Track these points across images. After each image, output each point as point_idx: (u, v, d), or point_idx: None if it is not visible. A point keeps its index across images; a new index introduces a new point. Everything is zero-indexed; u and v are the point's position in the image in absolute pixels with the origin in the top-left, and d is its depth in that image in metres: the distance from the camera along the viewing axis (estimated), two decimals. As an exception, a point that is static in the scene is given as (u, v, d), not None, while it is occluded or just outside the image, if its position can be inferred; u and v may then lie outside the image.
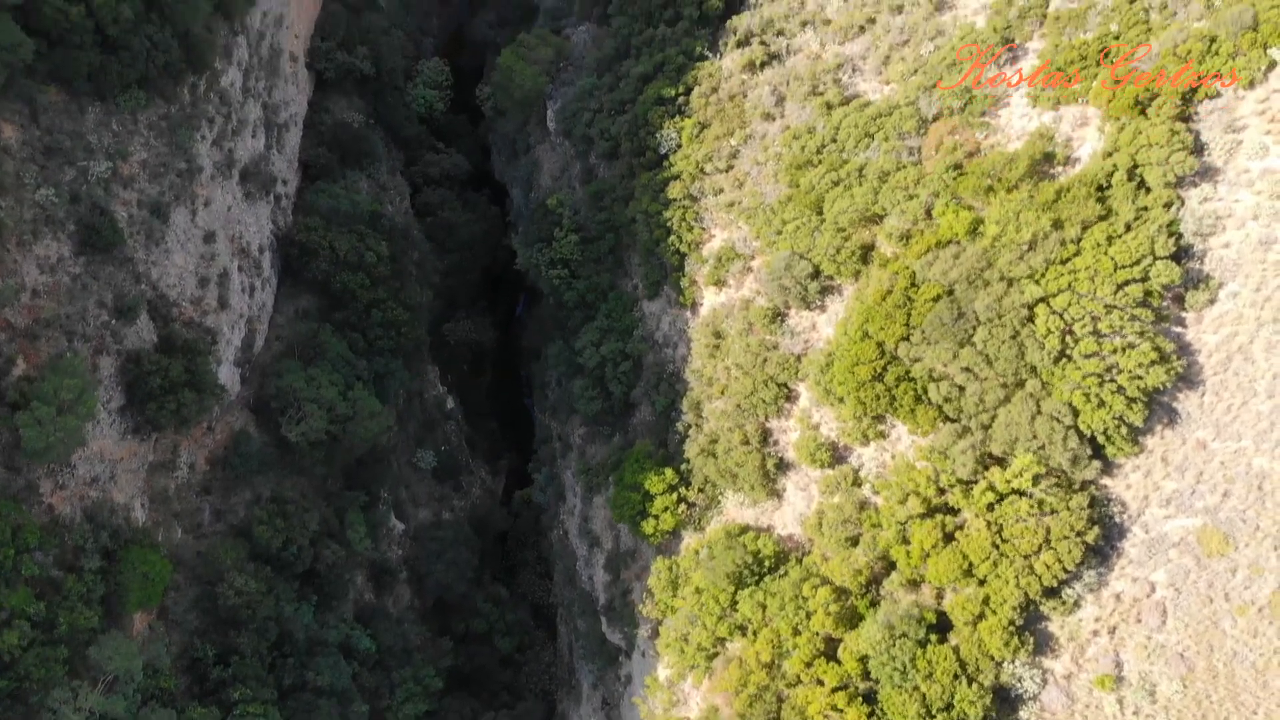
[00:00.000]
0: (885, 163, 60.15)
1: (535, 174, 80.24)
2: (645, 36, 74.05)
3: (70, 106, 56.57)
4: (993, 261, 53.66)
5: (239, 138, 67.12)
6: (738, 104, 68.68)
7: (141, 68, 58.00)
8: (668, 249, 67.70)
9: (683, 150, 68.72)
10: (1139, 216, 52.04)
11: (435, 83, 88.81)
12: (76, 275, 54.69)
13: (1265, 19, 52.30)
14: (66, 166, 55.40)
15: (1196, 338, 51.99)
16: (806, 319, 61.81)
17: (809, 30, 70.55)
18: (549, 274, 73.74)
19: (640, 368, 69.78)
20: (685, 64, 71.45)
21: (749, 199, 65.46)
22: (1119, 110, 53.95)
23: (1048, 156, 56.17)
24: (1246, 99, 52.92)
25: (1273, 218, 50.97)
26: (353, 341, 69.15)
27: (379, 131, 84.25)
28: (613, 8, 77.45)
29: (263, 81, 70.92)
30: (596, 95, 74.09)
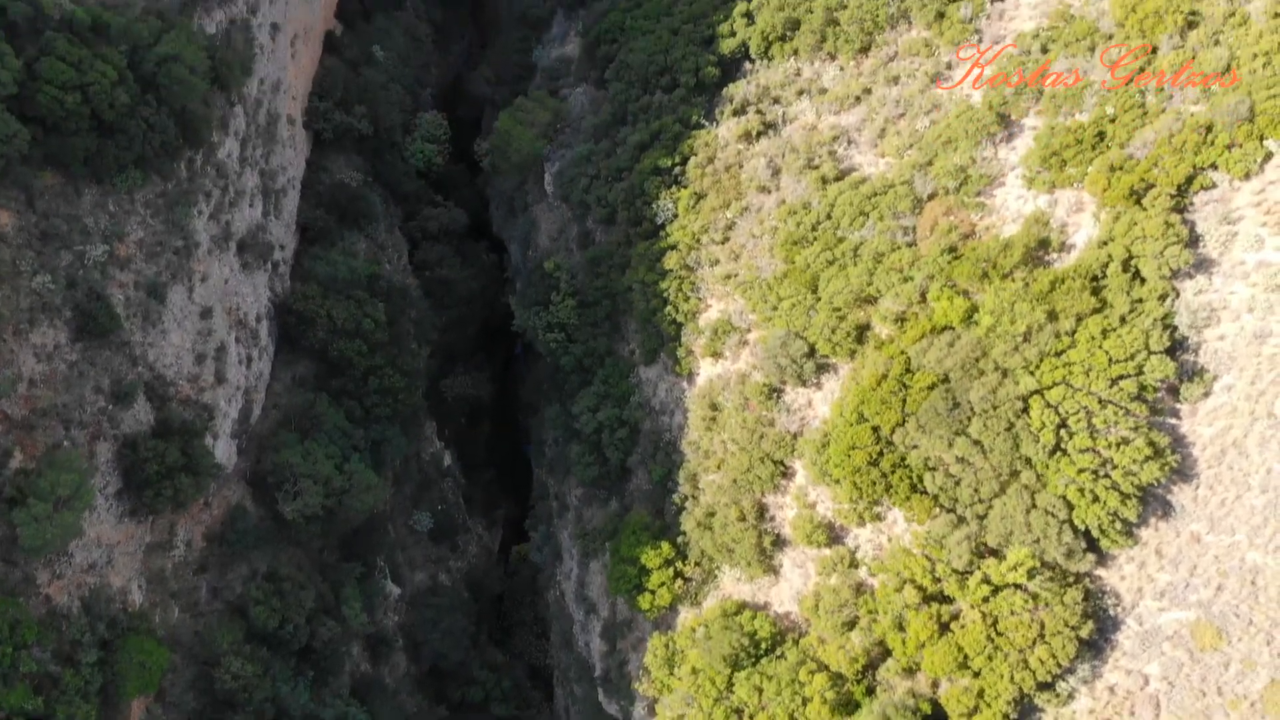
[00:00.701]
0: (880, 243, 60.26)
1: (533, 233, 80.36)
2: (642, 104, 74.14)
3: (66, 189, 56.65)
4: (987, 351, 53.82)
5: (236, 209, 67.19)
6: (734, 175, 68.78)
7: (138, 149, 58.10)
8: (664, 319, 67.83)
9: (679, 220, 68.84)
10: (1134, 309, 52.20)
11: (433, 137, 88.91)
12: (73, 362, 54.77)
13: (1261, 110, 52.47)
14: (63, 251, 55.46)
15: (1191, 430, 52.16)
16: (803, 395, 61.93)
17: (805, 99, 70.64)
18: (546, 337, 73.88)
19: (637, 434, 69.88)
20: (681, 132, 71.55)
21: (745, 271, 65.56)
22: (1114, 200, 54.13)
23: (1043, 243, 56.31)
24: (1242, 190, 53.13)
25: (1267, 311, 51.14)
26: (350, 410, 69.26)
27: (377, 189, 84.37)
28: (609, 73, 77.55)
29: (260, 149, 71.00)
30: (594, 161, 74.20)
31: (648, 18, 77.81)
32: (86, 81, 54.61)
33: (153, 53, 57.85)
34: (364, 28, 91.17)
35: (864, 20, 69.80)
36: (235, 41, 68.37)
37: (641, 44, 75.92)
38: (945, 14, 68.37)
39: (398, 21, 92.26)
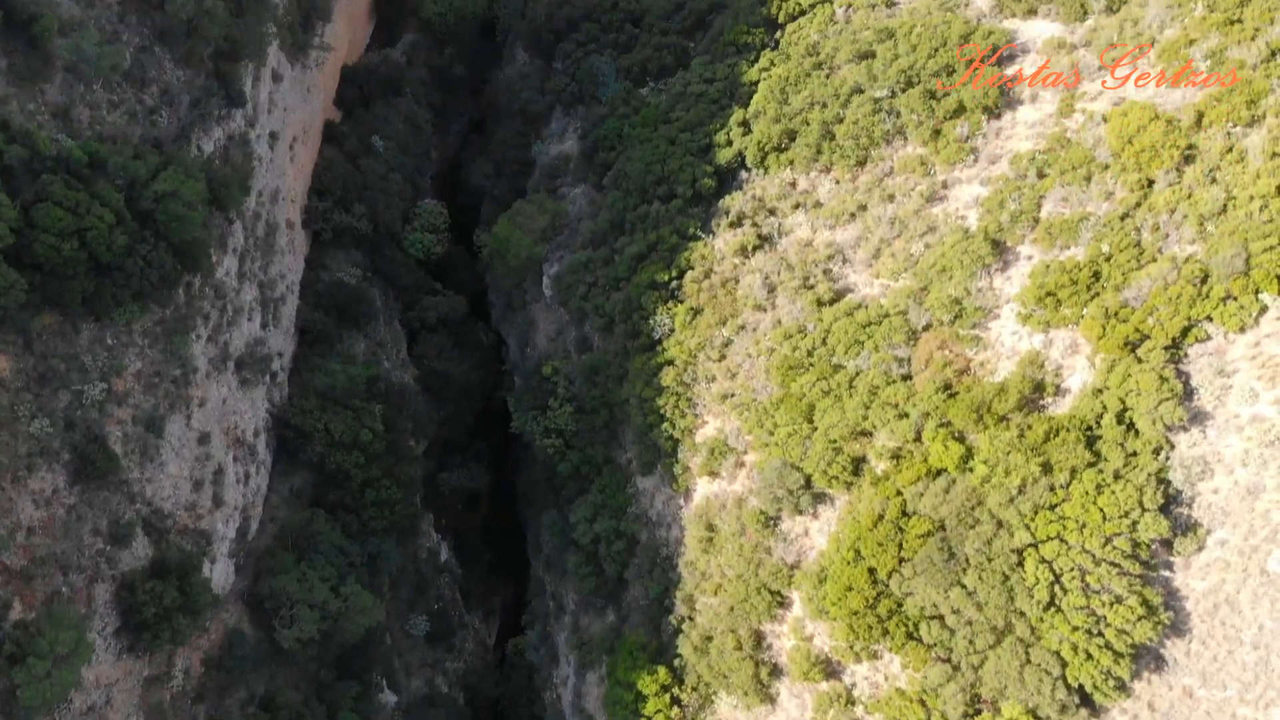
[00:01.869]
0: (875, 375, 60.44)
1: (531, 332, 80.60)
2: (639, 213, 74.31)
3: (64, 327, 56.75)
4: (983, 500, 54.05)
5: (234, 327, 67.39)
6: (730, 291, 68.98)
7: (136, 285, 58.17)
8: (661, 434, 68.03)
9: (676, 336, 69.03)
10: (1128, 463, 52.40)
11: (433, 226, 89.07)
12: (71, 506, 54.94)
13: (1257, 263, 52.68)
14: (61, 391, 55.60)
15: (1184, 584, 52.36)
16: (799, 524, 62.13)
17: (800, 213, 70.84)
18: (543, 443, 74.13)
19: (635, 545, 70.11)
20: (679, 244, 71.74)
21: (741, 391, 65.75)
22: (1110, 349, 54.31)
23: (1038, 386, 56.51)
24: (1237, 343, 53.35)
25: (1261, 466, 51.29)
26: (346, 525, 69.51)
27: (377, 282, 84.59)
28: (607, 180, 77.77)
29: (258, 261, 71.21)
30: (591, 268, 74.39)
31: (645, 125, 77.96)
32: (84, 226, 54.68)
33: (150, 189, 57.94)
34: (363, 115, 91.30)
35: (859, 136, 69.97)
36: (234, 158, 68.57)
37: (639, 153, 76.10)
38: (942, 132, 68.57)
39: (397, 109, 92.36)
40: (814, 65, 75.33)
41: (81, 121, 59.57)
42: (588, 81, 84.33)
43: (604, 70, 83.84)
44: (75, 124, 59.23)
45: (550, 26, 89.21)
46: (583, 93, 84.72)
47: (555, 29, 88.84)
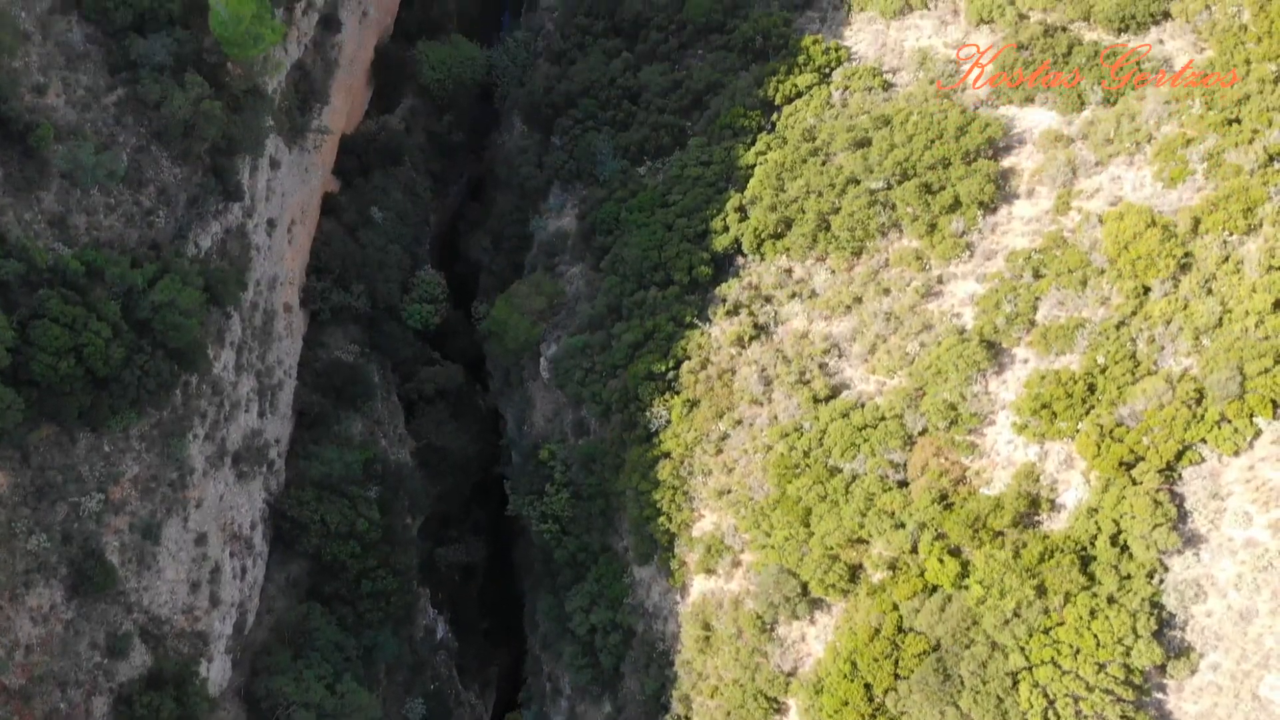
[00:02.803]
0: (871, 482, 60.58)
1: (528, 410, 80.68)
2: (636, 298, 74.37)
3: (61, 438, 56.81)
4: (978, 620, 54.26)
5: (231, 422, 67.44)
6: (727, 383, 69.12)
7: (134, 394, 58.26)
8: (657, 528, 68.19)
9: (672, 428, 69.13)
10: (1122, 587, 52.62)
11: (431, 296, 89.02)
12: (69, 621, 55.04)
13: (1251, 387, 52.88)
14: (59, 503, 55.69)
15: (1177, 707, 52.74)
16: (796, 629, 62.30)
17: (796, 302, 70.97)
18: (540, 528, 74.27)
19: (632, 636, 70.27)
20: (675, 332, 71.83)
21: (738, 488, 65.88)
22: (1105, 469, 54.46)
23: (1033, 501, 56.67)
24: (1231, 465, 53.59)
25: (1254, 590, 51.62)
26: (342, 618, 69.55)
27: (375, 358, 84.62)
28: (604, 264, 77.82)
29: (256, 351, 71.27)
30: (588, 354, 74.46)
31: (642, 209, 77.98)
32: (81, 343, 54.79)
33: (147, 300, 58.03)
34: (362, 185, 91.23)
35: (855, 228, 70.09)
36: (231, 251, 68.63)
37: (636, 238, 76.16)
38: (937, 226, 68.72)
39: (396, 178, 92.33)
40: (810, 151, 75.41)
41: (78, 228, 59.66)
42: (585, 159, 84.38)
43: (602, 149, 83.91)
44: (72, 231, 59.31)
45: (548, 100, 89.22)
46: (580, 170, 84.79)
47: (553, 103, 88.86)
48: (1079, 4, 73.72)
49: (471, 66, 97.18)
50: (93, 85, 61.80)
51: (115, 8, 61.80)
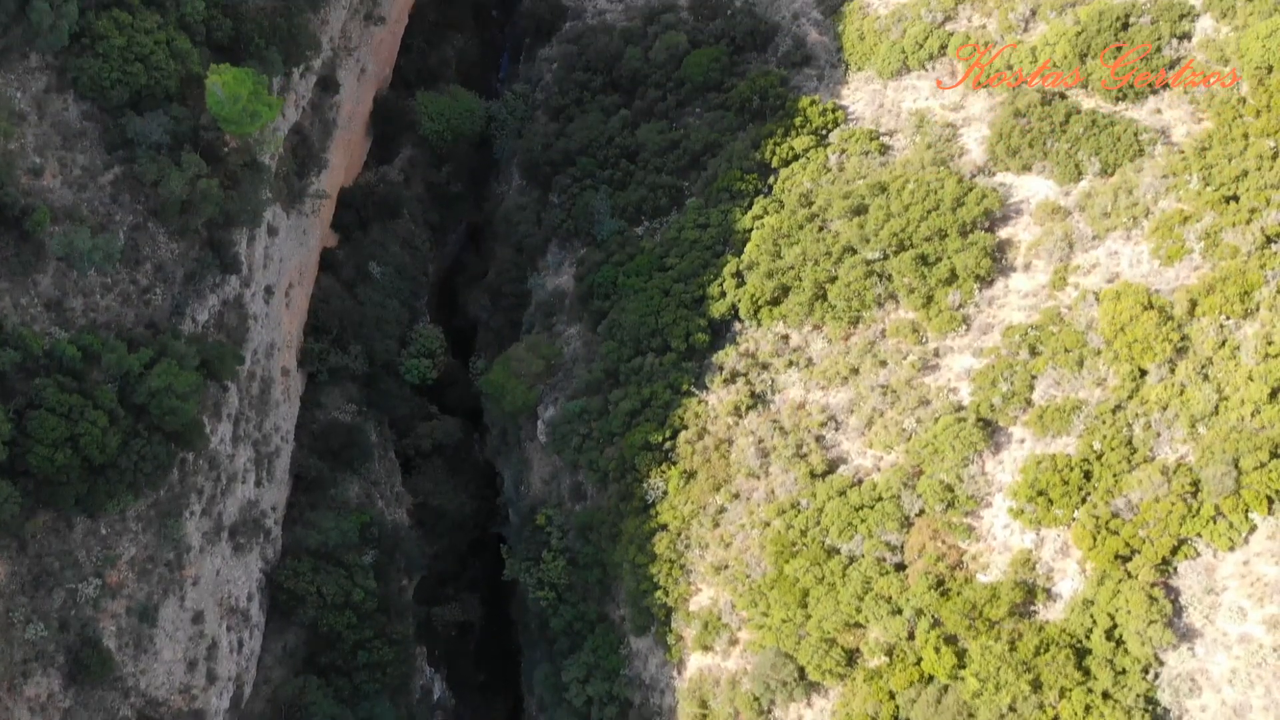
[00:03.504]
0: (868, 565, 60.62)
1: (525, 471, 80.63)
2: (634, 365, 74.33)
3: (58, 524, 56.88)
4: (974, 713, 54.33)
5: (228, 495, 67.45)
6: (723, 454, 69.13)
7: (130, 478, 58.29)
8: (654, 602, 68.15)
9: (669, 500, 69.11)
10: (1117, 682, 52.68)
11: (429, 351, 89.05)
12: (67, 710, 55.10)
13: (1247, 482, 52.90)
14: (56, 590, 55.78)
15: (1174, 804, 52.63)
16: (794, 711, 62.26)
17: (793, 371, 70.99)
18: (536, 595, 74.24)
19: (629, 708, 70.22)
20: (672, 400, 71.81)
21: (735, 563, 65.85)
22: (1100, 562, 54.50)
23: (1029, 591, 56.70)
24: (1227, 560, 53.63)
25: (1248, 685, 51.77)
26: (339, 689, 69.54)
27: (372, 416, 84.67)
28: (601, 330, 77.78)
29: (253, 420, 71.25)
30: (585, 419, 74.41)
31: (639, 273, 77.94)
32: (78, 433, 54.87)
33: (143, 386, 58.06)
34: (360, 238, 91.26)
35: (851, 299, 70.09)
36: (228, 323, 68.69)
37: (633, 304, 76.12)
38: (934, 298, 68.73)
39: (394, 231, 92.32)
40: (807, 217, 75.43)
41: (75, 310, 59.77)
42: (583, 218, 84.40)
43: (599, 208, 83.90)
44: (69, 313, 59.43)
45: (547, 157, 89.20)
46: (578, 228, 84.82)
47: (551, 160, 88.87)
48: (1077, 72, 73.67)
49: (470, 118, 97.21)
50: (89, 164, 61.99)
51: (111, 86, 61.91)
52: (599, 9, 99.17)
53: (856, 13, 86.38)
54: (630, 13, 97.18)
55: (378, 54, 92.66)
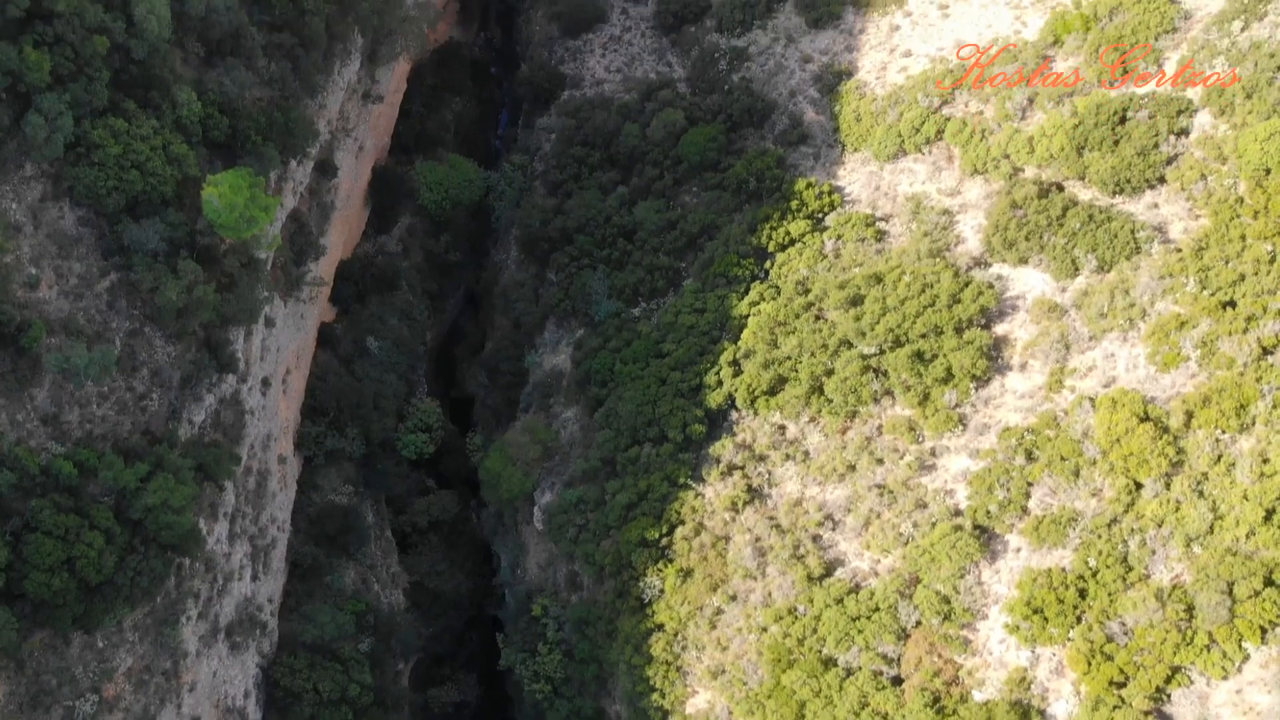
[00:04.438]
0: (865, 679, 60.64)
1: (522, 555, 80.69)
2: (630, 454, 74.30)
3: (55, 641, 56.92)
4: (969, 838, 54.26)
5: (225, 595, 67.51)
6: (720, 552, 69.15)
7: (127, 593, 58.32)
8: (650, 704, 68.17)
9: (666, 599, 69.12)
10: (1113, 814, 52.65)
11: (425, 425, 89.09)
12: (64, 828, 55.22)
13: (1240, 612, 52.96)
14: (54, 708, 55.89)
15: None
16: (788, 820, 62.38)
17: (790, 464, 71.00)
18: (532, 687, 74.24)
19: (625, 806, 70.40)
20: (669, 492, 71.80)
21: (732, 668, 65.87)
22: (1095, 688, 54.54)
23: (1024, 713, 56.73)
24: (1220, 689, 53.66)
25: (1244, 817, 51.57)
26: (337, 790, 69.93)
27: (368, 498, 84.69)
28: (599, 416, 77.78)
29: (250, 515, 71.28)
30: (582, 510, 74.37)
31: (636, 360, 77.91)
32: (74, 555, 54.95)
33: (139, 503, 58.09)
34: (358, 312, 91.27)
35: (848, 395, 70.07)
36: (225, 421, 68.69)
37: (630, 393, 76.06)
38: (930, 396, 68.73)
39: (392, 304, 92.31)
40: (803, 306, 75.45)
41: (71, 423, 59.74)
42: (580, 298, 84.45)
43: (597, 289, 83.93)
44: (65, 426, 59.40)
45: (545, 234, 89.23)
46: (575, 308, 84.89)
47: (549, 237, 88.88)
48: (1074, 164, 73.73)
49: (469, 188, 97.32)
50: (85, 273, 61.92)
51: (108, 194, 61.87)
52: (597, 78, 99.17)
53: (853, 93, 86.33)
54: (628, 83, 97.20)
55: (376, 128, 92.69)
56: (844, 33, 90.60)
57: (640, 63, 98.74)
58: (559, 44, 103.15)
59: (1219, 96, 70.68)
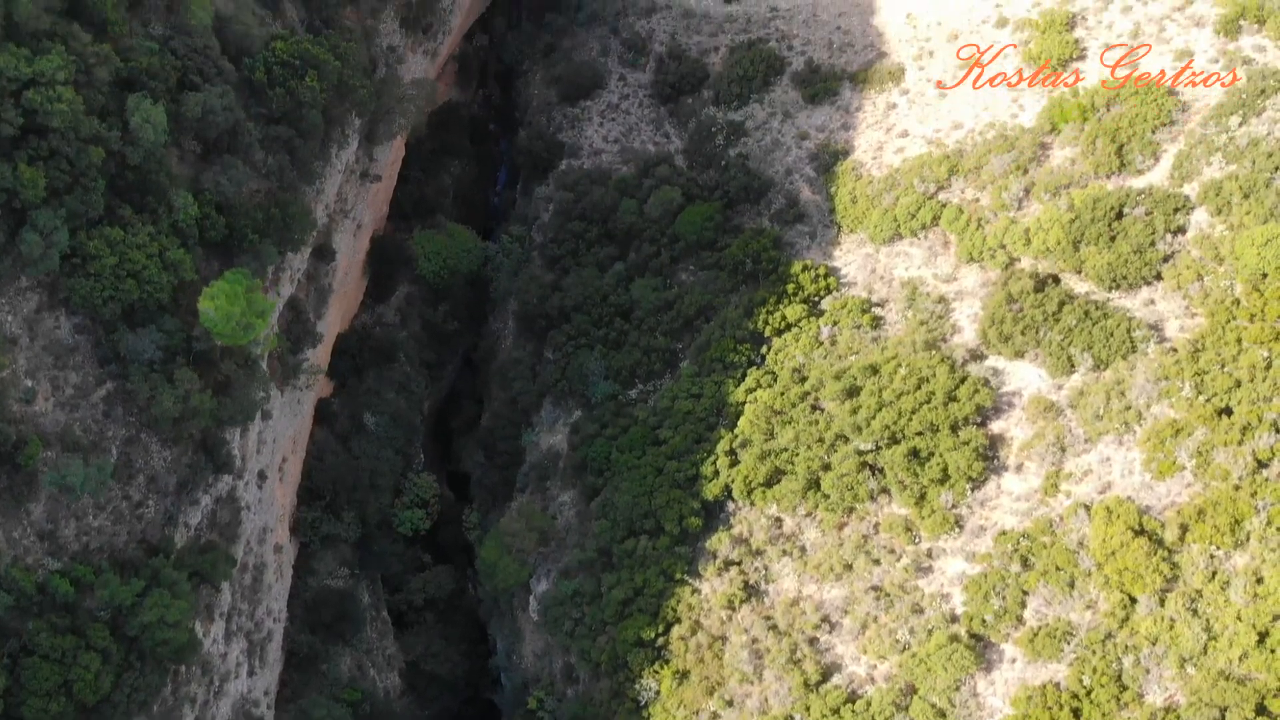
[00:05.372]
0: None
1: (518, 643, 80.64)
2: (626, 547, 74.18)
3: (52, 757, 56.98)
4: None
5: (222, 696, 67.54)
6: (717, 653, 69.20)
7: (124, 707, 58.36)
8: (647, 813, 68.38)
9: (662, 701, 69.13)
10: None
11: (422, 501, 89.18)
12: None
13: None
14: (50, 833, 55.85)
15: None
16: None
17: (788, 561, 71.05)
18: (531, 784, 74.51)
19: None
20: (665, 589, 71.82)
21: (728, 777, 66.07)
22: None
23: (1019, 837, 56.85)
24: (1214, 816, 53.60)
25: None
26: None
27: (365, 578, 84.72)
28: (595, 506, 77.81)
29: (246, 611, 71.33)
30: (578, 602, 74.34)
31: (632, 448, 77.84)
32: (71, 679, 55.05)
33: (136, 620, 58.15)
34: (355, 385, 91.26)
35: (844, 492, 70.13)
36: (221, 520, 68.76)
37: (627, 484, 76.00)
38: (926, 495, 68.78)
39: (390, 377, 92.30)
40: (800, 395, 75.48)
41: (68, 536, 59.77)
42: (577, 379, 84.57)
43: (594, 370, 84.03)
44: (61, 540, 59.45)
45: (542, 310, 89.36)
46: (572, 388, 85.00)
47: (547, 314, 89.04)
48: (1070, 258, 73.82)
49: (467, 257, 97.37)
50: (81, 383, 61.84)
51: (104, 304, 61.79)
52: (595, 148, 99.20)
53: (849, 173, 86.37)
54: (626, 155, 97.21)
55: (374, 204, 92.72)
56: (841, 110, 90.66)
57: (638, 133, 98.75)
58: (557, 110, 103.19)
59: (1216, 195, 70.75)
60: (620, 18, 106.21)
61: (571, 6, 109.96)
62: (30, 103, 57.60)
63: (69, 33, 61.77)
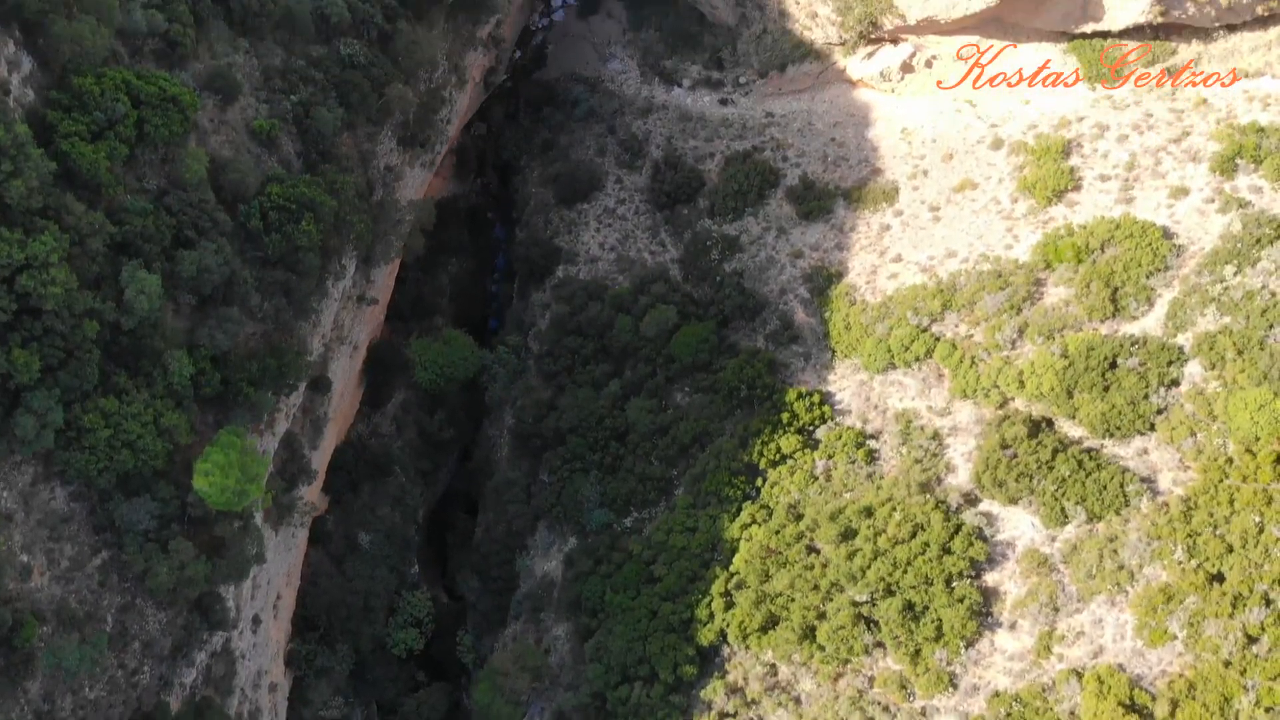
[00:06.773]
0: None
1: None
2: (621, 694, 74.15)
3: None
4: None
5: None
6: (712, 817, 69.42)
7: None
8: None
9: None
10: None
11: (416, 620, 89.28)
12: None
13: None
14: None
15: None
16: None
17: (782, 712, 71.19)
18: None
19: None
20: (660, 742, 72.19)
21: None
22: None
23: None
24: None
25: None
26: None
27: (359, 706, 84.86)
28: (589, 648, 77.78)
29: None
30: (575, 750, 74.86)
31: (627, 588, 77.96)
32: None
33: (131, 804, 58.50)
34: (350, 502, 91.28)
35: (839, 645, 70.29)
36: (216, 674, 68.97)
37: (621, 628, 76.02)
38: (921, 653, 68.95)
39: (385, 491, 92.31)
40: (795, 535, 75.60)
41: (64, 711, 60.04)
42: (572, 505, 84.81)
43: (589, 497, 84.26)
44: (58, 716, 59.71)
45: (537, 431, 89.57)
46: (567, 514, 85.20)
47: (542, 434, 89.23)
48: (1064, 404, 73.93)
49: (464, 365, 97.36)
50: (76, 555, 61.96)
51: (99, 474, 61.88)
52: (591, 255, 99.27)
53: (843, 298, 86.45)
54: (622, 263, 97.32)
55: (370, 323, 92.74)
56: (835, 228, 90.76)
57: (634, 240, 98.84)
58: (554, 212, 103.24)
59: (1210, 349, 70.91)
60: (617, 116, 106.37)
61: (569, 102, 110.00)
62: (24, 287, 57.34)
63: (62, 205, 61.23)
